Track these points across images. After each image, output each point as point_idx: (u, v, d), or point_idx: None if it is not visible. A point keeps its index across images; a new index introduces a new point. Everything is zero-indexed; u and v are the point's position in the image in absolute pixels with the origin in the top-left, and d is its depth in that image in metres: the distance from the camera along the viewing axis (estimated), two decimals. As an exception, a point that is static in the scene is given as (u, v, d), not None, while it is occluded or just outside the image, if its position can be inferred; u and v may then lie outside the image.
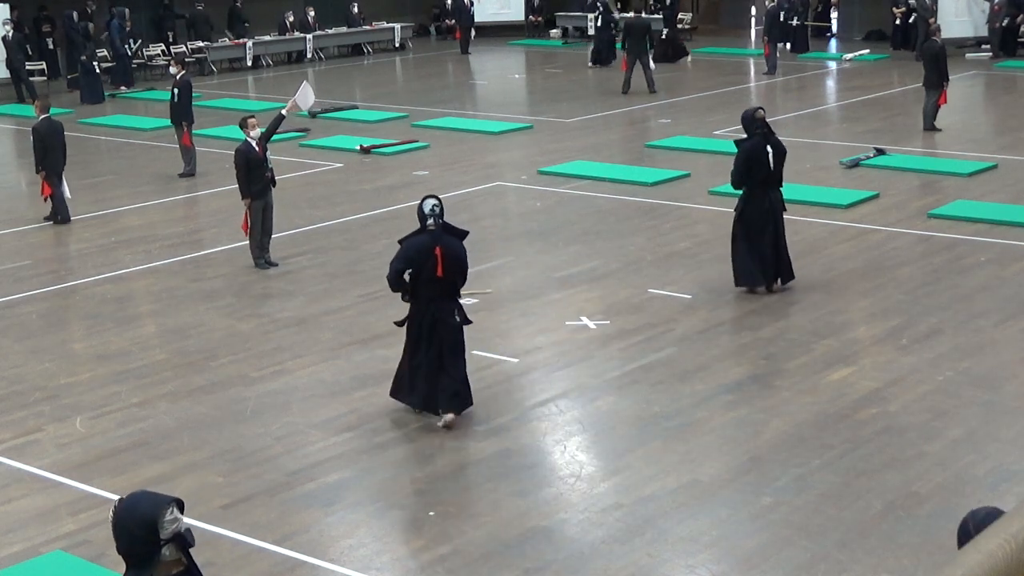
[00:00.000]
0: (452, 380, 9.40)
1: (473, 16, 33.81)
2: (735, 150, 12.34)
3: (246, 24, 32.16)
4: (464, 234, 9.45)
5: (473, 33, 33.84)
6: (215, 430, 9.56)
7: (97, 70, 26.46)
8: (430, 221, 9.23)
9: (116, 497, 8.37)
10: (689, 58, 30.75)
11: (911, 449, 8.87)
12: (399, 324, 9.63)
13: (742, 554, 7.52)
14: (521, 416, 9.74)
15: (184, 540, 4.59)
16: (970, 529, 4.86)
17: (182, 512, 4.59)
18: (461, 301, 9.62)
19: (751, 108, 12.56)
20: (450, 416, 9.38)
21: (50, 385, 10.57)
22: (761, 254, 12.14)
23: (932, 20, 26.87)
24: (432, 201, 9.24)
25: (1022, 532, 2.83)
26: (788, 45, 30.89)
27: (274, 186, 13.77)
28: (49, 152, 16.02)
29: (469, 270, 9.59)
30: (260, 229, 13.71)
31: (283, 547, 7.75)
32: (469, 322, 9.65)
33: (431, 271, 9.16)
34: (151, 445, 9.31)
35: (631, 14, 28.04)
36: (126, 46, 28.13)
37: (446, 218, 9.42)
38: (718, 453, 8.92)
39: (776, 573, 7.31)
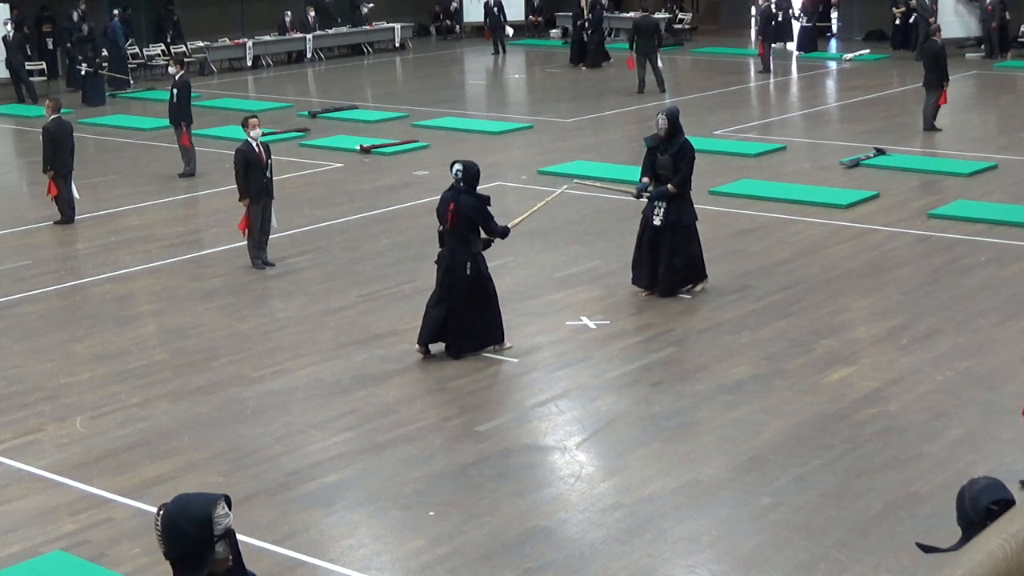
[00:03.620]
0: (458, 325, 10.74)
1: (499, 17, 33.38)
2: (690, 150, 12.35)
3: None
4: (487, 199, 10.78)
5: (510, 31, 33.69)
6: (215, 430, 9.56)
7: (84, 72, 26.33)
8: (453, 181, 10.72)
9: (116, 497, 8.42)
10: (611, 60, 30.15)
11: (911, 449, 8.87)
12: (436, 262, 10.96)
13: (742, 554, 7.52)
14: (521, 416, 9.74)
15: (234, 535, 4.61)
16: (965, 499, 4.87)
17: (231, 508, 4.62)
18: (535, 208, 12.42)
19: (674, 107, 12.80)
20: (454, 355, 10.83)
21: (50, 385, 10.57)
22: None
23: (932, 20, 26.88)
24: (457, 165, 10.75)
25: (1022, 532, 2.83)
26: (784, 45, 31.07)
27: (271, 198, 13.73)
28: (58, 152, 16.03)
29: None
30: (259, 230, 13.71)
31: (283, 547, 7.75)
32: (483, 275, 10.75)
33: (444, 223, 10.67)
34: (151, 445, 9.31)
35: (637, 13, 28.01)
36: (125, 48, 28.08)
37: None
38: (718, 453, 8.92)
39: (776, 573, 7.31)
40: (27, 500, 8.49)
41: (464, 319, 10.75)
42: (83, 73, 26.28)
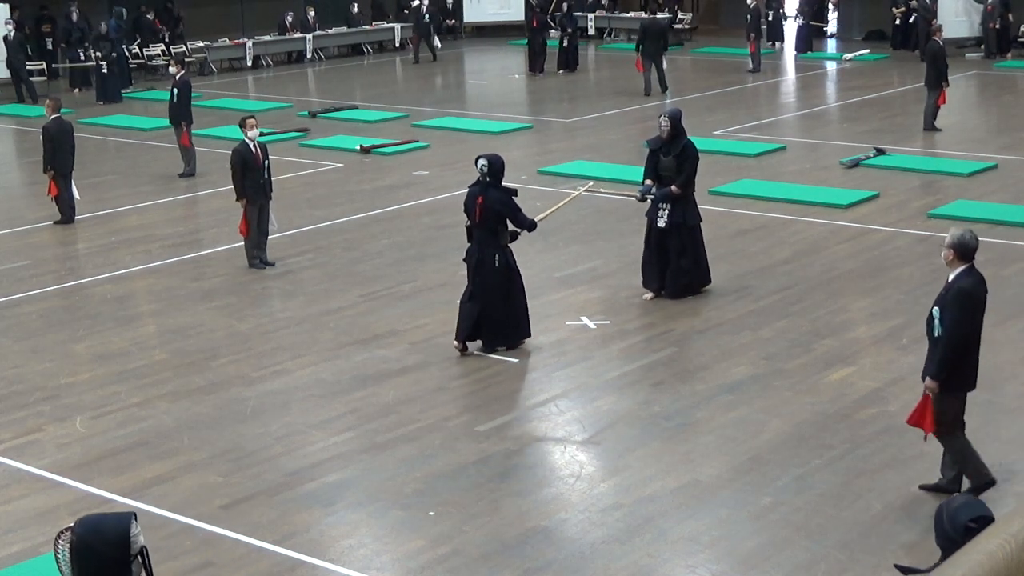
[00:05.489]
0: (491, 319, 10.83)
1: (428, 24, 31.95)
2: (694, 151, 12.34)
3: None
4: (513, 191, 10.88)
5: (438, 41, 32.23)
6: (215, 430, 9.56)
7: (104, 70, 26.36)
8: (479, 176, 10.80)
9: (116, 497, 8.41)
10: (563, 72, 29.24)
11: (911, 449, 8.87)
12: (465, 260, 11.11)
13: (742, 554, 7.52)
14: (521, 416, 9.74)
15: (146, 553, 4.50)
16: (943, 517, 4.87)
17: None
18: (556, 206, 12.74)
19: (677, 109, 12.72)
20: (489, 349, 10.95)
21: (50, 385, 10.57)
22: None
23: (933, 20, 26.85)
24: (481, 160, 10.82)
25: (1022, 532, 2.83)
26: (774, 43, 31.38)
27: (268, 198, 13.75)
28: (58, 152, 16.04)
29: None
30: (256, 230, 13.72)
31: (283, 547, 7.76)
32: (511, 268, 10.83)
33: (473, 217, 10.78)
34: (151, 445, 9.31)
35: (645, 14, 27.96)
36: (123, 47, 28.00)
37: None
38: (718, 453, 8.92)
39: (776, 573, 7.31)
40: (27, 500, 8.49)
41: (496, 315, 10.85)
42: (104, 71, 26.24)
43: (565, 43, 29.18)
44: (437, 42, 32.08)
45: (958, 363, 7.81)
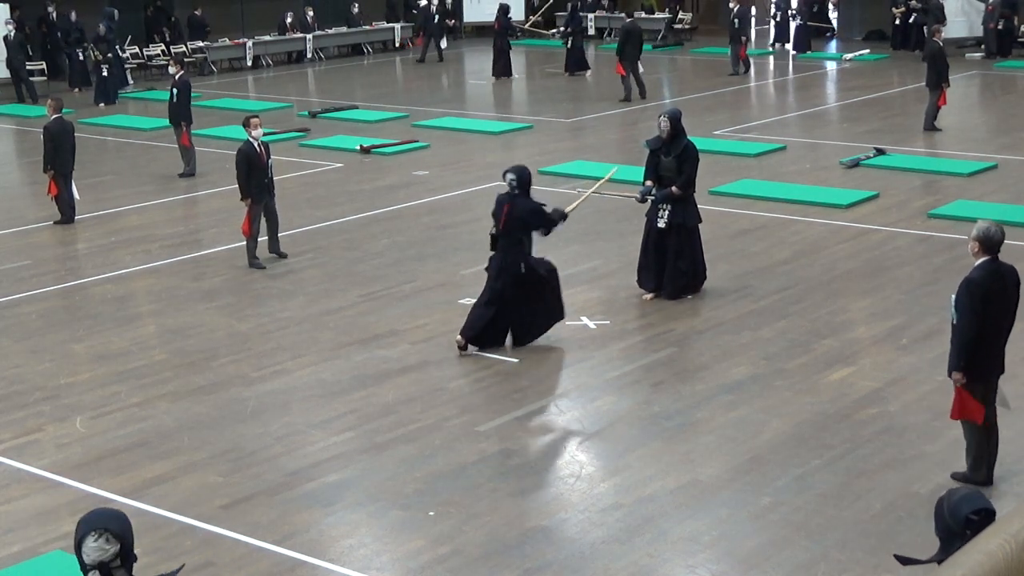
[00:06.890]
0: (524, 319, 11.00)
1: (439, 24, 32.19)
2: (694, 152, 12.34)
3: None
4: (540, 205, 11.10)
5: (445, 42, 32.40)
6: (215, 430, 9.56)
7: (105, 72, 26.33)
8: (508, 189, 11.02)
9: (116, 497, 8.42)
10: (588, 72, 29.28)
11: (911, 449, 8.87)
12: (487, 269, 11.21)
13: (742, 554, 7.52)
14: (521, 416, 9.74)
15: (108, 571, 4.42)
16: (944, 509, 4.88)
17: (119, 542, 4.34)
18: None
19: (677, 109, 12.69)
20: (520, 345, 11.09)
21: (50, 385, 10.57)
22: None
23: (944, 22, 26.79)
24: (509, 175, 11.01)
25: (1022, 532, 2.84)
26: (777, 44, 31.52)
27: (272, 196, 13.81)
28: (59, 152, 16.04)
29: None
30: (258, 230, 13.74)
31: (283, 547, 7.76)
32: (537, 273, 10.96)
33: (498, 224, 10.99)
34: (151, 445, 9.31)
35: (624, 15, 27.84)
36: (117, 48, 27.94)
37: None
38: (718, 453, 8.92)
39: (776, 573, 7.31)
40: (27, 500, 8.49)
41: (526, 314, 11.01)
42: (104, 74, 26.20)
43: (569, 44, 29.12)
44: (444, 42, 32.16)
45: (972, 352, 8.00)
